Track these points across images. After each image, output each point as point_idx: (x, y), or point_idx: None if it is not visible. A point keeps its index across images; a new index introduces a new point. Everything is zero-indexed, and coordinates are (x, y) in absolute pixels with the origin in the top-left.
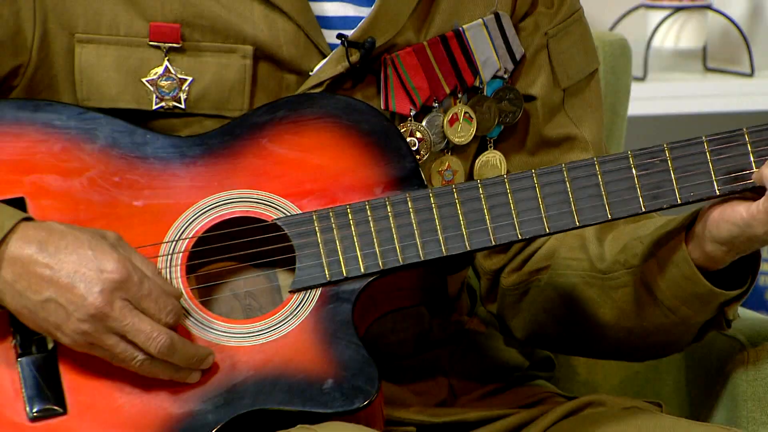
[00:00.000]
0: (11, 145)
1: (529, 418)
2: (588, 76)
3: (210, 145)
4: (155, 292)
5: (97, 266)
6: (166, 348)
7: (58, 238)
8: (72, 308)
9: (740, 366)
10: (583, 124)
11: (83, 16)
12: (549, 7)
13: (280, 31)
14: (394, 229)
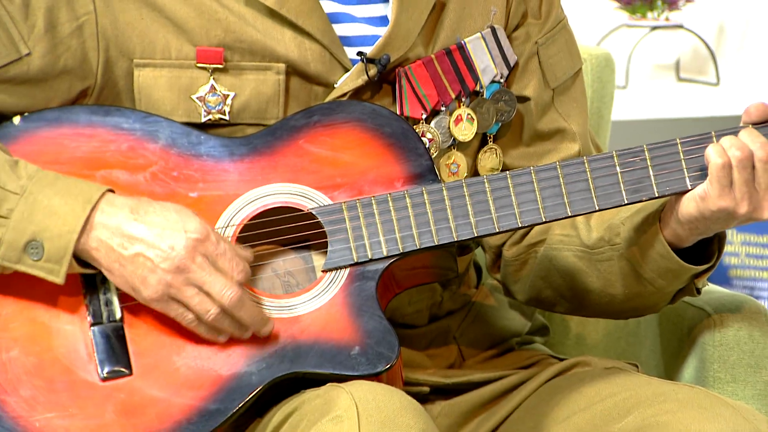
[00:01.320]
0: (85, 144)
1: (526, 377)
2: (573, 75)
3: (255, 144)
4: (229, 253)
5: (182, 226)
6: (236, 301)
7: (146, 203)
8: (158, 260)
9: (707, 333)
10: (570, 118)
11: (140, 44)
12: (537, 19)
13: (308, 51)
14: (412, 218)
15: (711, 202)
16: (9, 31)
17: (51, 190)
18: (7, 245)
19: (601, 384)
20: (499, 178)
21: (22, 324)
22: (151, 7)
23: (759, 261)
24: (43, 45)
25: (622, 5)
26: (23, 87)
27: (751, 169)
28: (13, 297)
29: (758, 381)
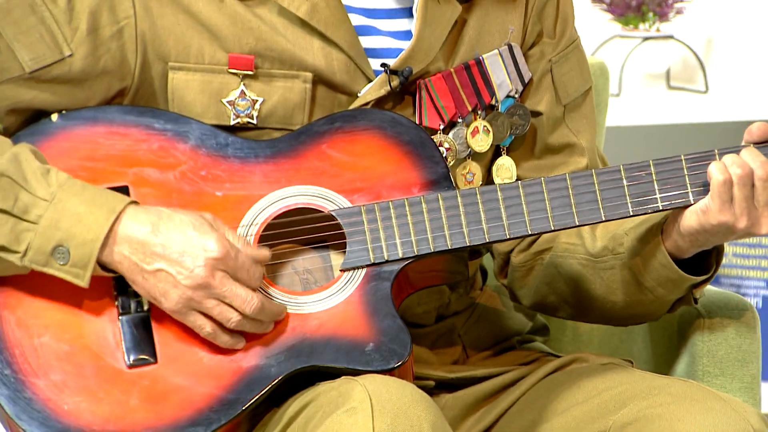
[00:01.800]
0: (119, 142)
1: (526, 372)
2: (584, 93)
3: (279, 148)
4: (247, 263)
5: (201, 245)
6: (258, 309)
7: (167, 220)
8: (180, 278)
9: (697, 329)
10: (580, 134)
11: (175, 48)
12: (552, 38)
13: (334, 61)
14: (427, 222)
15: (712, 216)
16: (53, 33)
17: (78, 199)
18: (35, 250)
19: (597, 379)
20: (511, 188)
21: (54, 312)
22: (187, 14)
23: (746, 261)
24: (85, 47)
25: (615, 17)
26: (65, 86)
27: (750, 186)
28: (45, 286)
29: (745, 374)
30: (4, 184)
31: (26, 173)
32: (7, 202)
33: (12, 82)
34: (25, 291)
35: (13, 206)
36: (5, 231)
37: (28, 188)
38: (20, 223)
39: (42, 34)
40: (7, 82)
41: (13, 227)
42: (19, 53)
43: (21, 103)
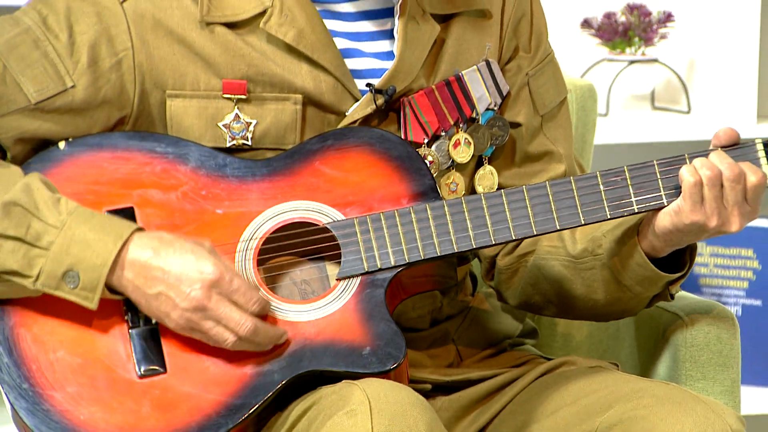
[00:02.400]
0: (123, 166)
1: (517, 375)
2: (559, 103)
3: (275, 166)
4: (243, 288)
5: (198, 268)
6: (251, 332)
7: (167, 245)
8: (179, 300)
9: (680, 335)
10: (557, 141)
11: (171, 77)
12: (528, 53)
13: (322, 83)
14: (416, 232)
15: (684, 216)
16: (56, 66)
17: (87, 226)
18: (47, 274)
19: (585, 381)
20: (494, 196)
21: (67, 328)
22: (182, 44)
23: (726, 271)
24: (86, 78)
25: (603, 41)
26: (68, 116)
27: (719, 187)
28: (60, 305)
29: (726, 378)
30: (17, 212)
31: (38, 202)
32: (20, 230)
33: (18, 113)
34: (39, 309)
35: (26, 233)
36: (18, 257)
37: (40, 216)
38: (32, 249)
39: (45, 67)
40: (14, 112)
41: (25, 253)
42: (25, 86)
43: (27, 133)
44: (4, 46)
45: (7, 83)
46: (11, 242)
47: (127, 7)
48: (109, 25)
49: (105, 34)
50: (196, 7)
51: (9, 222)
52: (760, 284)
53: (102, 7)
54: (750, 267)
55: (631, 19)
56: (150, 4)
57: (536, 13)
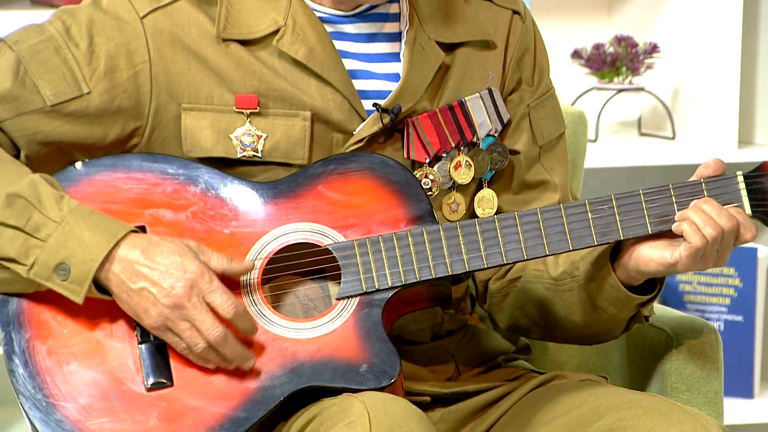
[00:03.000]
0: (136, 186)
1: (512, 388)
2: (558, 136)
3: (280, 189)
4: (220, 290)
5: (182, 267)
6: (220, 339)
7: (156, 246)
8: (160, 296)
9: (667, 349)
10: (553, 172)
11: (186, 91)
12: (530, 86)
13: (330, 101)
14: (413, 254)
15: (681, 269)
16: (74, 72)
17: (84, 224)
18: (41, 264)
19: (575, 394)
20: (488, 221)
21: (81, 342)
22: (197, 60)
23: (709, 288)
24: (102, 86)
25: (592, 71)
26: (82, 121)
27: (721, 240)
28: (72, 318)
29: (709, 390)
30: (20, 204)
31: (41, 197)
32: (20, 221)
33: (34, 113)
34: (54, 324)
35: (26, 224)
36: (16, 245)
37: (42, 210)
38: (30, 239)
39: (64, 72)
40: (31, 113)
41: (23, 242)
42: (42, 89)
43: (41, 134)
44: (27, 51)
45: (26, 85)
46: (11, 231)
47: (146, 23)
48: (128, 38)
49: (124, 46)
50: (212, 24)
51: (11, 212)
52: (742, 301)
53: (123, 21)
54: (732, 285)
55: (619, 50)
56: (168, 21)
57: (539, 48)
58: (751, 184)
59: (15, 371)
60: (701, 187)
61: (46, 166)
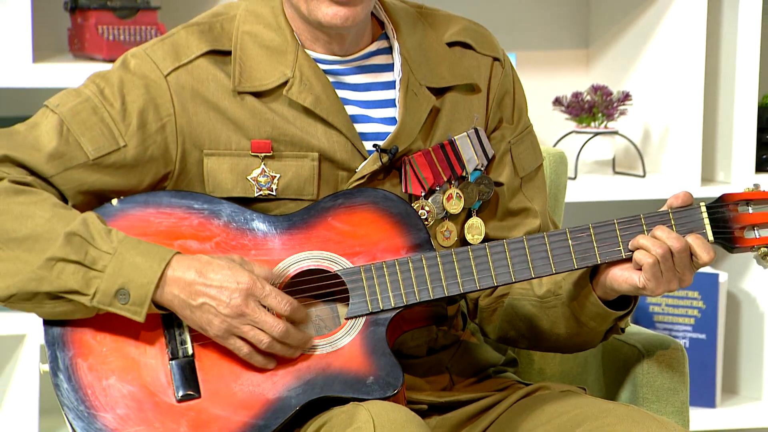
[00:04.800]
0: (166, 220)
1: (501, 397)
2: (536, 168)
3: (294, 221)
4: (273, 293)
5: (235, 279)
6: (283, 332)
7: (207, 264)
8: (221, 308)
9: (638, 364)
10: (534, 200)
11: (208, 139)
12: (511, 124)
13: (335, 143)
14: (413, 278)
15: (650, 293)
16: (111, 129)
17: (135, 251)
18: (102, 292)
19: (558, 403)
20: (479, 248)
21: (118, 358)
22: (216, 111)
23: (676, 309)
24: (135, 139)
25: (572, 116)
26: (121, 171)
27: (671, 258)
28: (111, 338)
29: (676, 400)
30: (77, 241)
31: (93, 233)
32: (79, 255)
33: (79, 167)
34: (94, 343)
35: (84, 258)
36: (78, 278)
37: (95, 244)
38: (90, 271)
39: (102, 130)
40: (75, 167)
41: (84, 275)
42: (84, 145)
43: (86, 185)
44: (68, 112)
45: (70, 143)
46: (72, 266)
47: (170, 80)
48: (155, 95)
49: (152, 102)
50: (228, 79)
51: (70, 249)
52: (705, 321)
53: (149, 80)
54: (696, 306)
55: (595, 98)
56: (189, 77)
57: (518, 90)
58: (712, 213)
59: (60, 385)
60: (669, 217)
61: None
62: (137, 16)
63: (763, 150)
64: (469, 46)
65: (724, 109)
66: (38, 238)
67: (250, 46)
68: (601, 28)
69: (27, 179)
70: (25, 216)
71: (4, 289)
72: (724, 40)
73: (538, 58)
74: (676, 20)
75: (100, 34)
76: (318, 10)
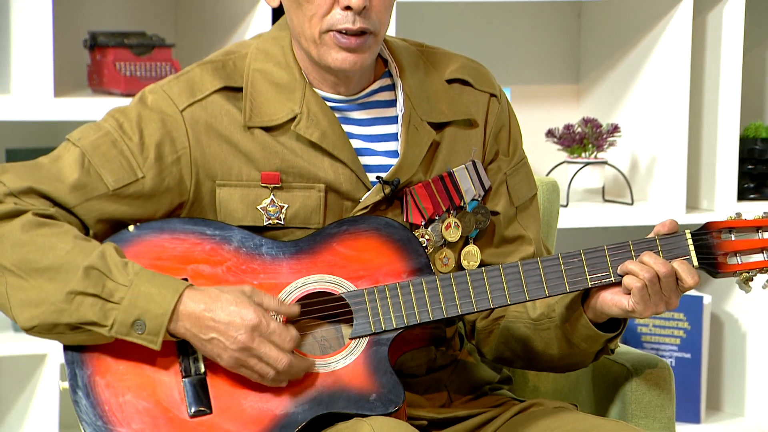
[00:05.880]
0: (179, 246)
1: (496, 414)
2: (531, 198)
3: (301, 246)
4: (278, 329)
5: (241, 316)
6: (287, 366)
7: (215, 300)
8: (228, 343)
9: (626, 381)
10: (528, 228)
11: (220, 170)
12: (506, 156)
13: (340, 175)
14: (414, 301)
15: (638, 315)
16: (129, 161)
17: (150, 284)
18: (119, 323)
19: (551, 419)
20: (476, 272)
21: (134, 376)
22: (228, 144)
23: (662, 330)
24: (153, 171)
25: (564, 147)
26: (139, 201)
27: (658, 282)
28: (126, 357)
29: (663, 417)
30: (94, 275)
31: (110, 266)
32: (97, 288)
33: (100, 198)
34: (111, 360)
35: (102, 291)
36: (96, 310)
37: (112, 277)
38: (107, 304)
39: (121, 162)
40: (96, 198)
41: (102, 307)
42: (105, 177)
43: (106, 214)
44: (89, 145)
45: (91, 174)
46: (91, 298)
47: (185, 115)
48: (171, 128)
49: (168, 135)
50: (239, 114)
51: (89, 282)
52: (690, 341)
53: (166, 115)
54: (681, 327)
55: (586, 130)
56: (204, 113)
57: (513, 125)
58: (697, 240)
59: (79, 402)
60: (656, 243)
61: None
62: (153, 53)
63: (744, 179)
64: (468, 83)
65: (707, 141)
66: (59, 269)
67: (260, 83)
68: (591, 64)
69: (50, 211)
70: (47, 247)
71: (27, 320)
72: (708, 76)
73: (532, 92)
74: (662, 57)
75: (118, 70)
76: (328, 56)
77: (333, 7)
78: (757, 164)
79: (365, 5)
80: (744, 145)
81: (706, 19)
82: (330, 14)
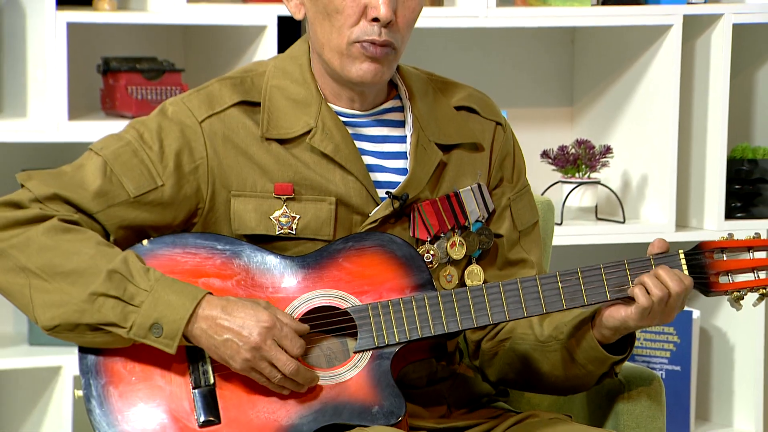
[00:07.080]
0: (191, 259)
1: (494, 425)
2: (533, 224)
3: (308, 262)
4: (290, 335)
5: (257, 318)
6: (294, 371)
7: (233, 303)
8: (241, 344)
9: (620, 393)
10: (530, 252)
11: (235, 180)
12: (510, 182)
13: (351, 189)
14: (416, 316)
15: (633, 325)
16: (149, 170)
17: (169, 290)
18: (138, 326)
19: (546, 429)
20: (477, 289)
21: (146, 386)
22: (244, 156)
23: (653, 344)
24: (172, 179)
25: (558, 168)
26: (158, 207)
27: (666, 301)
28: (140, 367)
29: (654, 427)
30: (117, 278)
31: (132, 271)
32: (118, 291)
33: (121, 205)
34: (124, 372)
35: (123, 294)
36: (116, 312)
37: (134, 282)
38: (127, 306)
39: (142, 170)
40: (118, 205)
41: (122, 309)
42: (126, 184)
43: (126, 221)
44: (110, 154)
45: (113, 182)
46: (112, 300)
47: (204, 126)
48: (190, 139)
49: (187, 145)
50: (256, 127)
51: (111, 285)
52: (679, 354)
53: (185, 126)
54: (671, 341)
55: (579, 151)
56: (222, 125)
57: (517, 153)
58: (690, 260)
59: (93, 411)
60: (650, 262)
61: (128, 245)
62: (163, 78)
63: (731, 199)
64: (475, 111)
65: (696, 162)
66: (82, 273)
67: (277, 98)
68: (585, 88)
69: (74, 217)
70: (71, 252)
71: (49, 320)
72: (696, 99)
73: (527, 114)
74: (653, 81)
75: (130, 93)
76: (352, 66)
77: (360, 19)
78: (744, 184)
79: (392, 19)
80: (731, 165)
81: (695, 45)
82: (357, 25)
